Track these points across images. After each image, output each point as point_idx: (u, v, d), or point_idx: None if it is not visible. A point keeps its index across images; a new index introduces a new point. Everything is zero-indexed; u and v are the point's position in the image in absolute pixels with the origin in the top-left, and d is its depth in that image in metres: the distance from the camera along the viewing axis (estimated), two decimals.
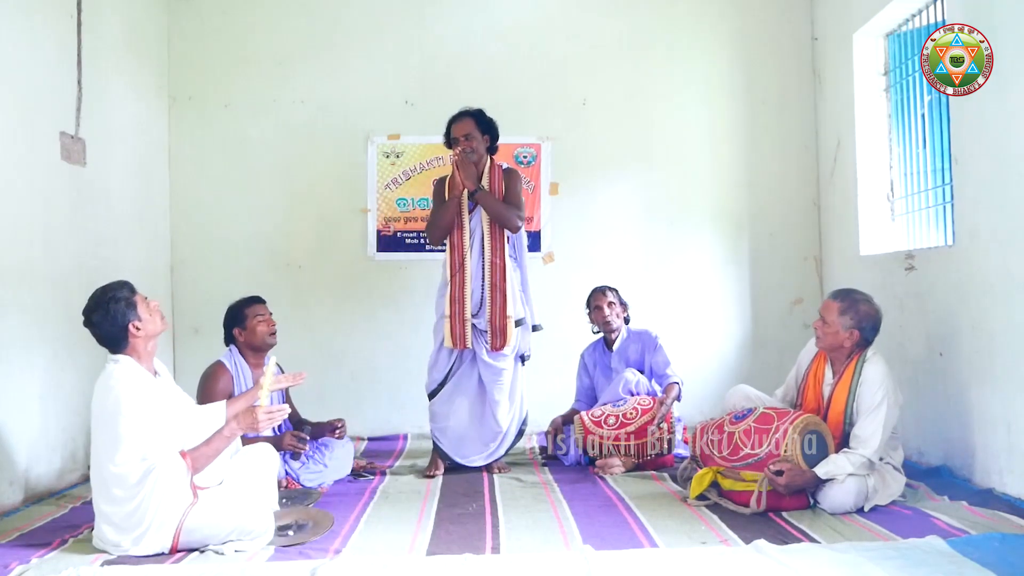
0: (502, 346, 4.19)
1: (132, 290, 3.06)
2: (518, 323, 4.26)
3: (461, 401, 4.28)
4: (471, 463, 4.25)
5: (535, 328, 4.42)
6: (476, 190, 4.18)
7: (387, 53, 5.58)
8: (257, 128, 5.54)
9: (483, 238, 4.20)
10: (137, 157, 5.04)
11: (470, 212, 4.21)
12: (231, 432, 3.09)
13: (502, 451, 4.30)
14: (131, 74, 4.98)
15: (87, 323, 3.01)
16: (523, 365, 4.39)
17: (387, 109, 5.56)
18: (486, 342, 4.21)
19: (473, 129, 4.22)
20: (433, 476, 4.17)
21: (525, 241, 4.40)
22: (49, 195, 4.05)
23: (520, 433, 4.38)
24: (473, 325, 4.19)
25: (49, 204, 4.05)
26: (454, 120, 4.29)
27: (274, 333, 4.12)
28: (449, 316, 4.19)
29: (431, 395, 4.31)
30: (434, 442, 4.33)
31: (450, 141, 4.30)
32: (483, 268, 4.19)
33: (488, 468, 4.28)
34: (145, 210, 5.14)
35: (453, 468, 4.27)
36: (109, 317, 2.97)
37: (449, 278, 4.23)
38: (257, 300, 4.15)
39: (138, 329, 3.00)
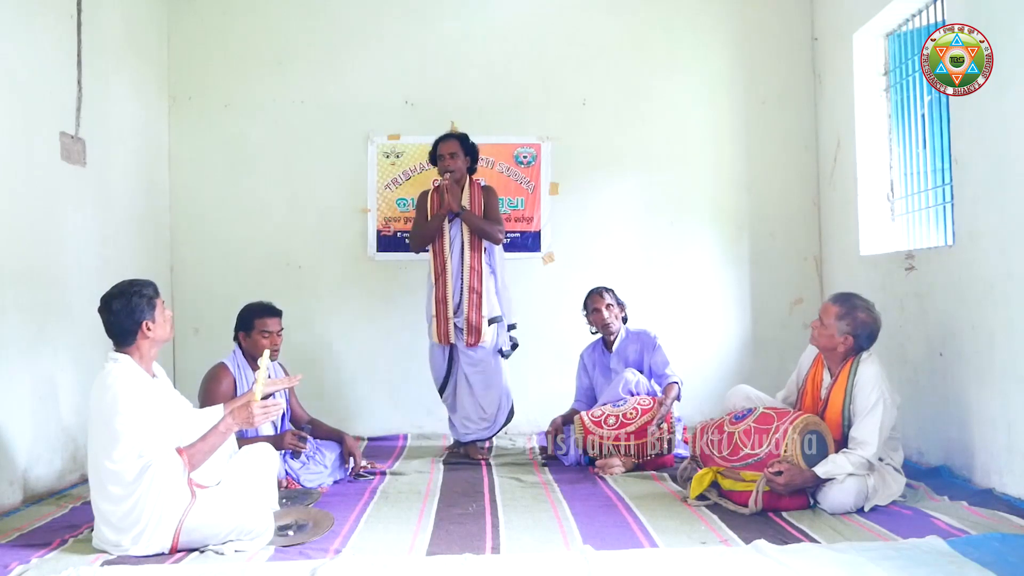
0: (476, 342, 4.63)
1: (156, 292, 3.10)
2: (492, 321, 4.68)
3: (462, 391, 4.73)
4: (468, 439, 4.73)
5: (510, 327, 4.83)
6: (461, 211, 4.63)
7: (387, 53, 5.58)
8: (257, 128, 5.54)
9: (462, 246, 4.66)
10: (137, 157, 5.04)
11: (450, 222, 4.67)
12: (226, 427, 3.09)
13: (490, 432, 4.76)
14: (131, 74, 4.98)
15: (104, 308, 3.02)
16: (504, 358, 4.79)
17: (387, 109, 5.56)
18: (463, 339, 4.63)
19: (458, 149, 4.69)
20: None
21: (501, 248, 4.83)
22: (49, 195, 4.04)
23: (508, 419, 4.81)
24: (455, 324, 4.63)
25: (49, 204, 4.05)
26: (441, 139, 4.76)
27: (277, 350, 4.04)
28: (436, 316, 4.67)
29: (440, 391, 4.82)
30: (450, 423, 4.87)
31: (435, 157, 4.74)
32: (462, 272, 4.64)
33: (475, 445, 4.72)
34: (145, 210, 5.14)
35: (448, 462, 4.57)
36: (128, 308, 2.99)
37: (433, 281, 4.69)
38: (271, 313, 4.06)
39: (149, 330, 3.02)
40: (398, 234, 5.56)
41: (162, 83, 5.45)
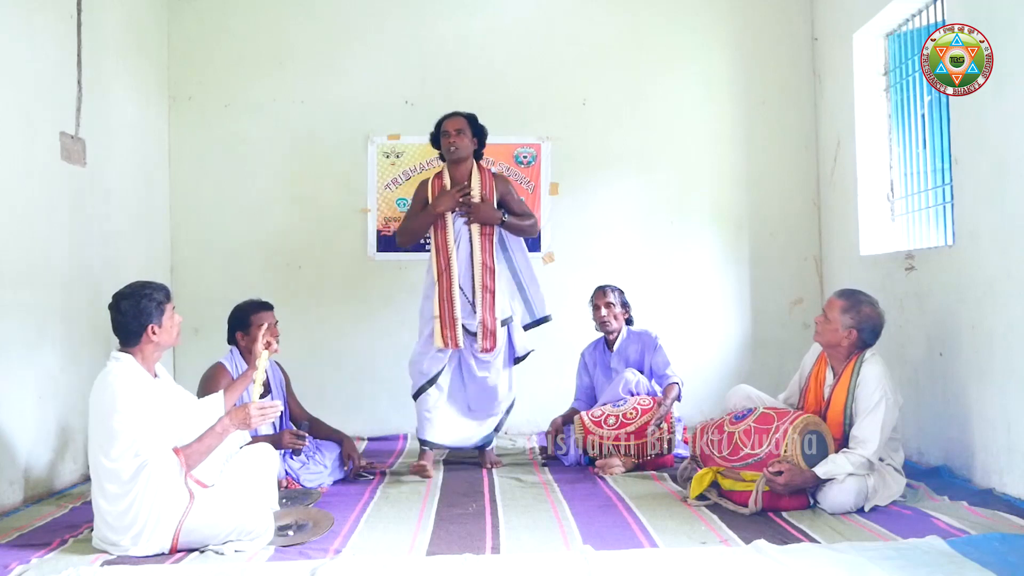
0: (492, 347, 4.25)
1: (167, 296, 3.12)
2: (503, 323, 4.31)
3: (450, 398, 4.35)
4: (463, 446, 4.40)
5: (544, 319, 4.49)
6: (503, 222, 4.26)
7: (387, 53, 5.58)
8: (257, 128, 5.54)
9: (470, 239, 4.23)
10: (137, 157, 5.04)
11: (455, 214, 4.23)
12: (223, 428, 3.09)
13: (490, 432, 4.42)
14: (131, 74, 4.98)
15: (113, 307, 3.04)
16: (515, 364, 4.45)
17: (387, 109, 5.56)
18: (474, 344, 4.24)
19: (465, 126, 4.28)
20: (430, 477, 4.11)
21: (521, 241, 4.44)
22: (49, 195, 4.04)
23: (507, 413, 4.46)
24: (464, 327, 4.22)
25: (49, 204, 4.04)
26: (447, 116, 4.34)
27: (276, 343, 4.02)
28: (439, 317, 4.20)
29: (417, 394, 4.32)
30: (421, 441, 4.33)
31: (438, 138, 4.32)
32: (472, 269, 4.21)
33: (481, 457, 4.41)
34: (145, 210, 5.14)
35: (448, 462, 4.46)
36: (136, 310, 3.01)
37: (436, 279, 4.24)
38: (265, 308, 4.06)
39: (154, 334, 3.04)
40: None
41: (162, 83, 5.45)
